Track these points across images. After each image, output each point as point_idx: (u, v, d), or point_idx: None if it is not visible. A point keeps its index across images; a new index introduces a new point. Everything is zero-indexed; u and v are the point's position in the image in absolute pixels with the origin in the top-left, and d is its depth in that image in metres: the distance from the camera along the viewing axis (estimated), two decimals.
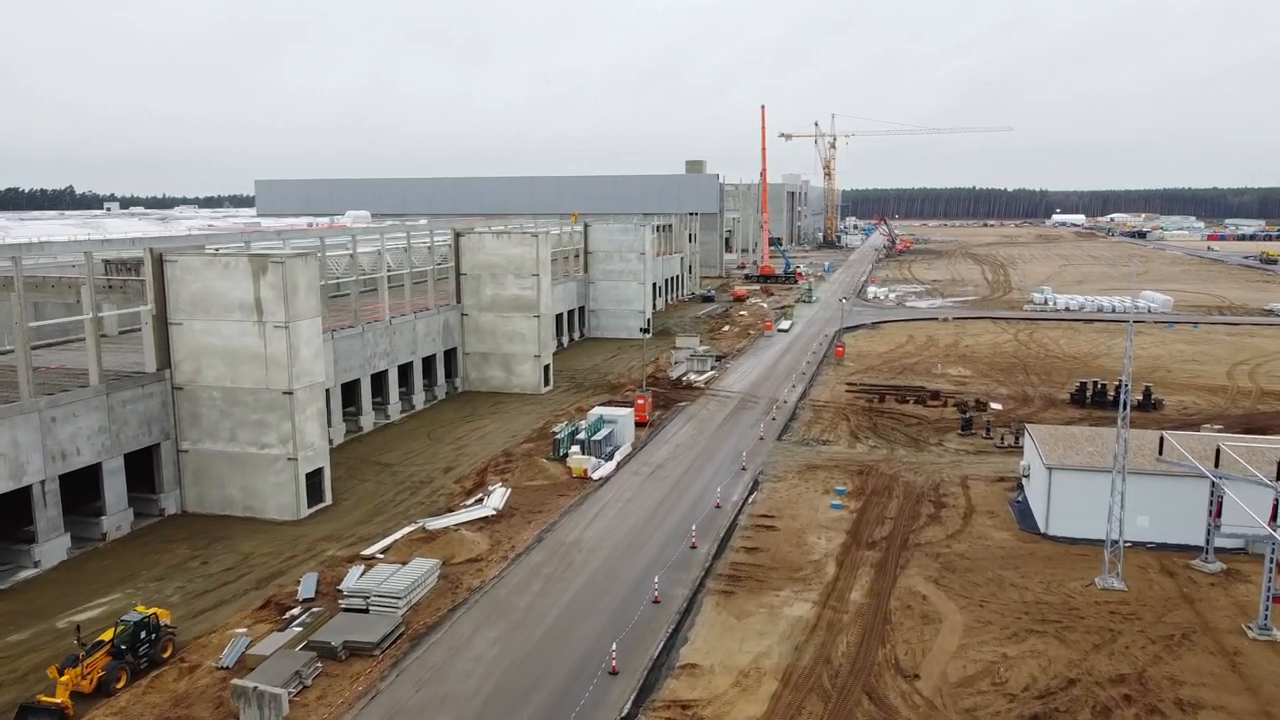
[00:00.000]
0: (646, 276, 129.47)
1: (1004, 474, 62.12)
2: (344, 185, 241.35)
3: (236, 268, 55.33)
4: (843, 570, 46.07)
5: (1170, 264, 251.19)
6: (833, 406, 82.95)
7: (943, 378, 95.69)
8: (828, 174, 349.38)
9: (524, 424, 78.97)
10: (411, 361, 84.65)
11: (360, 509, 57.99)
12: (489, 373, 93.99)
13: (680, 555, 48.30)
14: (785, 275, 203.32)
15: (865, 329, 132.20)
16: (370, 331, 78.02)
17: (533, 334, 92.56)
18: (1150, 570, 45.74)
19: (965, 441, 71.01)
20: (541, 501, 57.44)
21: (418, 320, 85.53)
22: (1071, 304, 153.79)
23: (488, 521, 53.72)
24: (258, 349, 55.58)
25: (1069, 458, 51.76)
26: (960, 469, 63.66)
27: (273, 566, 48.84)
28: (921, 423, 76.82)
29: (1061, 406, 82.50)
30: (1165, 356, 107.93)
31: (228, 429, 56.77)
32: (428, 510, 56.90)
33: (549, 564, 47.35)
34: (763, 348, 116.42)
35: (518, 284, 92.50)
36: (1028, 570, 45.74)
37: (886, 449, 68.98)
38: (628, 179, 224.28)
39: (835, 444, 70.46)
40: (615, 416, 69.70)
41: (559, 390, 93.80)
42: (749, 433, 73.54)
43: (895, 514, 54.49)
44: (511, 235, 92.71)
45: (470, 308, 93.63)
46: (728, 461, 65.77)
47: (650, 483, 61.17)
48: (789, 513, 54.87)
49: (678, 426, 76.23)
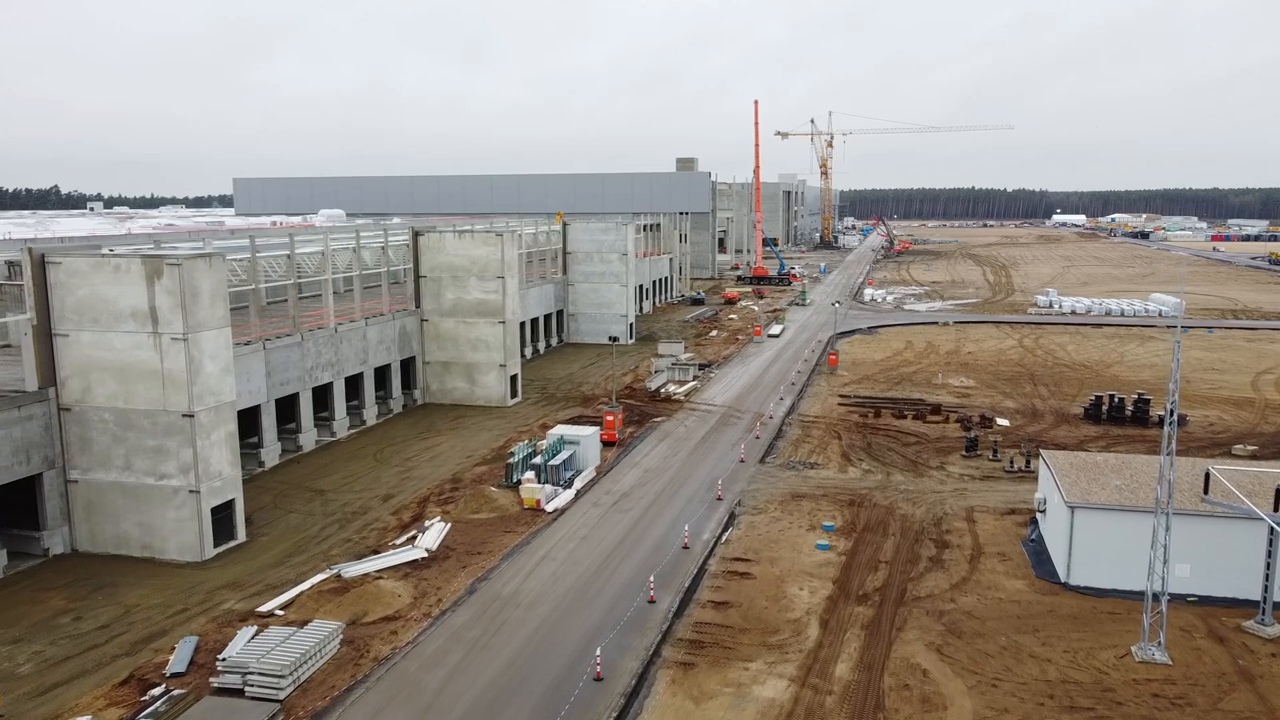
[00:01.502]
0: (629, 278, 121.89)
1: (1015, 505, 54.64)
2: (324, 183, 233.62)
3: (128, 271, 47.74)
4: (828, 633, 38.53)
5: (1176, 266, 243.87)
6: (823, 422, 75.43)
7: (943, 389, 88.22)
8: (824, 173, 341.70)
9: (483, 442, 71.45)
10: (362, 372, 77.14)
11: (278, 547, 50.43)
12: (451, 384, 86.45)
13: (635, 613, 40.73)
14: (779, 277, 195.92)
15: (861, 334, 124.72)
16: (311, 340, 70.48)
17: (498, 341, 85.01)
18: (1195, 634, 38.21)
19: (970, 464, 63.53)
20: (483, 540, 49.87)
21: (369, 327, 77.98)
22: (1078, 307, 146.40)
23: (416, 566, 46.15)
24: (153, 364, 48.01)
25: (1094, 493, 44.25)
26: (965, 498, 56.14)
27: (156, 623, 41.27)
28: (921, 442, 69.32)
29: (1074, 422, 75.00)
30: (1182, 365, 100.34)
31: (122, 456, 49.19)
32: (352, 550, 49.36)
33: (477, 625, 39.75)
34: (751, 355, 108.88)
35: (481, 287, 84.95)
36: (1049, 634, 38.20)
37: (882, 473, 61.47)
38: (616, 177, 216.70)
39: (824, 468, 62.92)
40: (577, 437, 62.15)
41: (528, 402, 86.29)
42: (729, 454, 65.98)
43: (891, 556, 46.97)
44: (474, 235, 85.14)
45: (430, 313, 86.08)
46: (702, 489, 58.21)
47: (611, 516, 53.60)
48: (768, 554, 47.33)
49: (650, 446, 68.64)
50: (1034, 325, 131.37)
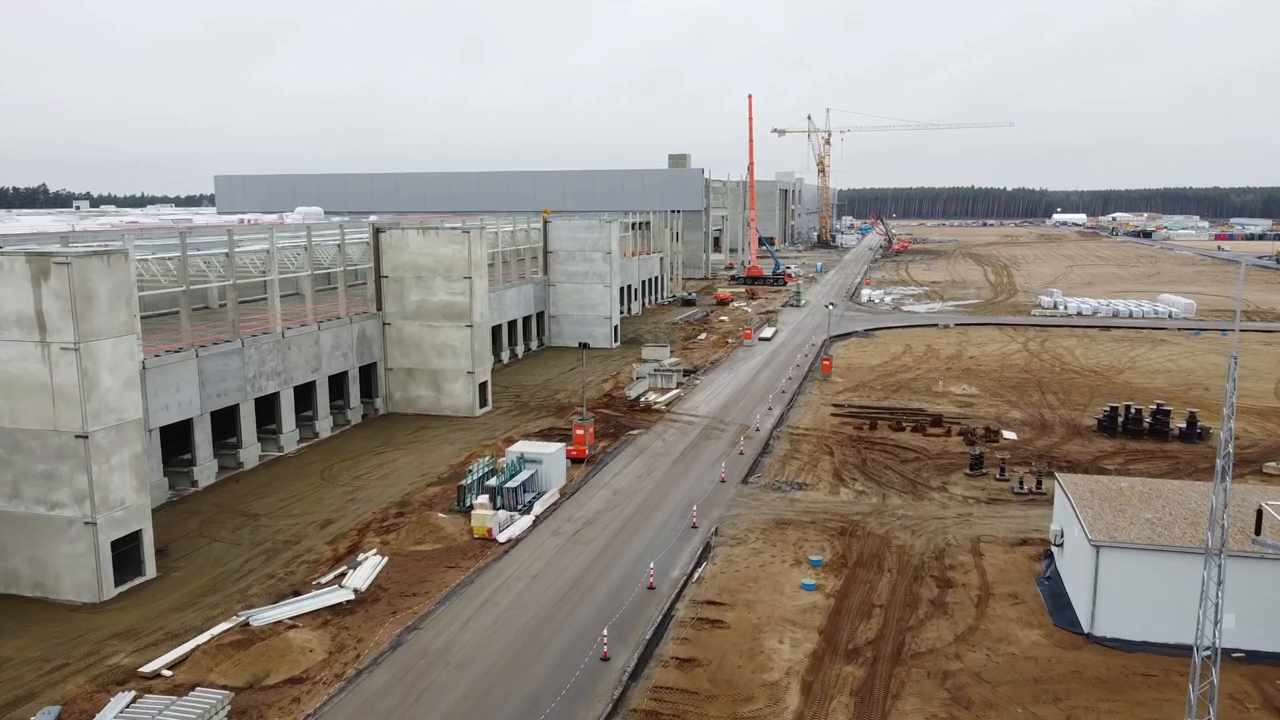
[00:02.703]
0: (613, 279, 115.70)
1: (1026, 534, 48.59)
2: (307, 180, 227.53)
3: (11, 271, 41.62)
4: (810, 701, 32.45)
5: (1182, 265, 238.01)
6: (814, 435, 69.35)
7: (945, 397, 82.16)
8: (822, 171, 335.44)
9: (443, 457, 65.40)
10: (314, 381, 71.04)
11: (191, 584, 44.36)
12: (415, 392, 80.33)
13: (585, 674, 34.64)
14: (774, 277, 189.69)
15: (857, 337, 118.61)
16: (254, 346, 64.41)
17: (465, 346, 78.89)
18: (1248, 704, 32.17)
19: (974, 484, 57.48)
20: (421, 578, 43.77)
21: (322, 331, 71.86)
22: (1084, 308, 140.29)
23: (339, 612, 40.07)
24: (41, 378, 41.89)
25: (1121, 528, 38.20)
26: (970, 525, 50.07)
27: (25, 684, 35.19)
28: (920, 458, 63.27)
29: (1088, 436, 68.93)
30: (1198, 370, 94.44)
31: (8, 483, 43.07)
32: (274, 589, 43.27)
33: (395, 690, 33.64)
34: (740, 359, 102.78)
35: (447, 288, 78.82)
36: (1073, 704, 32.13)
37: (877, 495, 55.40)
38: (607, 174, 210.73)
39: (814, 489, 56.83)
40: (540, 455, 56.03)
41: (498, 412, 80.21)
42: (708, 473, 59.87)
43: (887, 598, 40.92)
44: (440, 232, 79.00)
45: (393, 316, 79.94)
46: (676, 515, 52.09)
47: (571, 548, 47.48)
48: (745, 596, 41.26)
49: (623, 464, 62.53)
50: (1039, 328, 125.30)
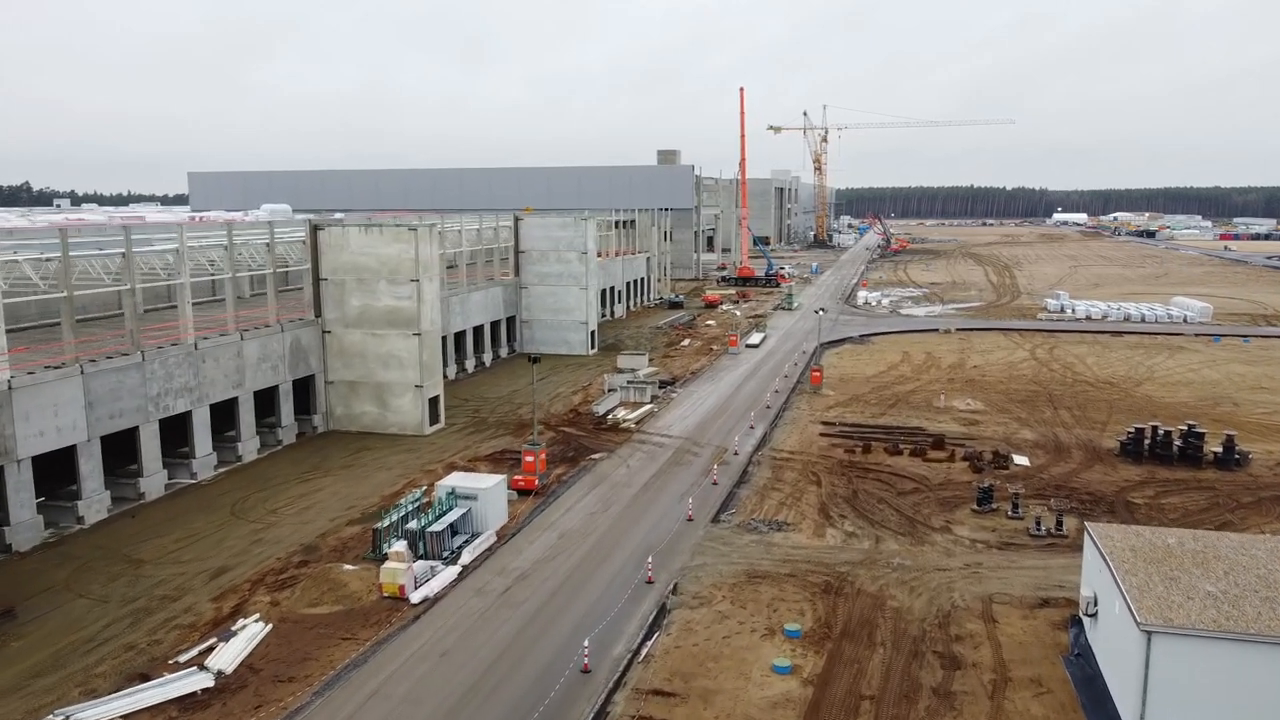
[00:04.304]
0: (589, 280, 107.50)
1: (1047, 591, 40.50)
2: (282, 177, 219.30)
3: None
4: None
5: (1189, 265, 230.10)
6: (800, 460, 61.22)
7: (947, 413, 74.06)
8: (818, 169, 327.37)
9: (375, 486, 57.32)
10: (236, 397, 62.91)
11: (27, 661, 36.21)
12: (359, 408, 72.18)
13: None
14: (766, 278, 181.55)
15: (851, 344, 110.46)
16: (159, 360, 56.28)
17: (412, 357, 70.75)
18: None
19: (983, 524, 49.36)
20: (307, 653, 35.59)
21: (247, 341, 63.74)
22: (1093, 312, 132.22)
23: (188, 706, 31.90)
24: None
25: (1176, 605, 30.04)
26: (980, 580, 41.95)
27: None
28: (920, 488, 55.15)
29: (1109, 462, 60.82)
30: (1223, 382, 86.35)
31: None
32: (124, 668, 35.12)
33: None
34: (724, 369, 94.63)
35: (392, 292, 70.69)
36: None
37: (870, 538, 47.26)
38: (593, 171, 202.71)
39: (796, 529, 48.67)
40: (474, 490, 47.82)
41: (451, 429, 72.10)
42: (674, 509, 51.66)
43: (879, 686, 32.79)
44: (384, 230, 70.83)
45: (333, 323, 71.80)
46: (630, 566, 43.90)
47: (496, 613, 39.29)
48: (702, 682, 33.12)
49: (578, 496, 54.36)
50: (1046, 333, 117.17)
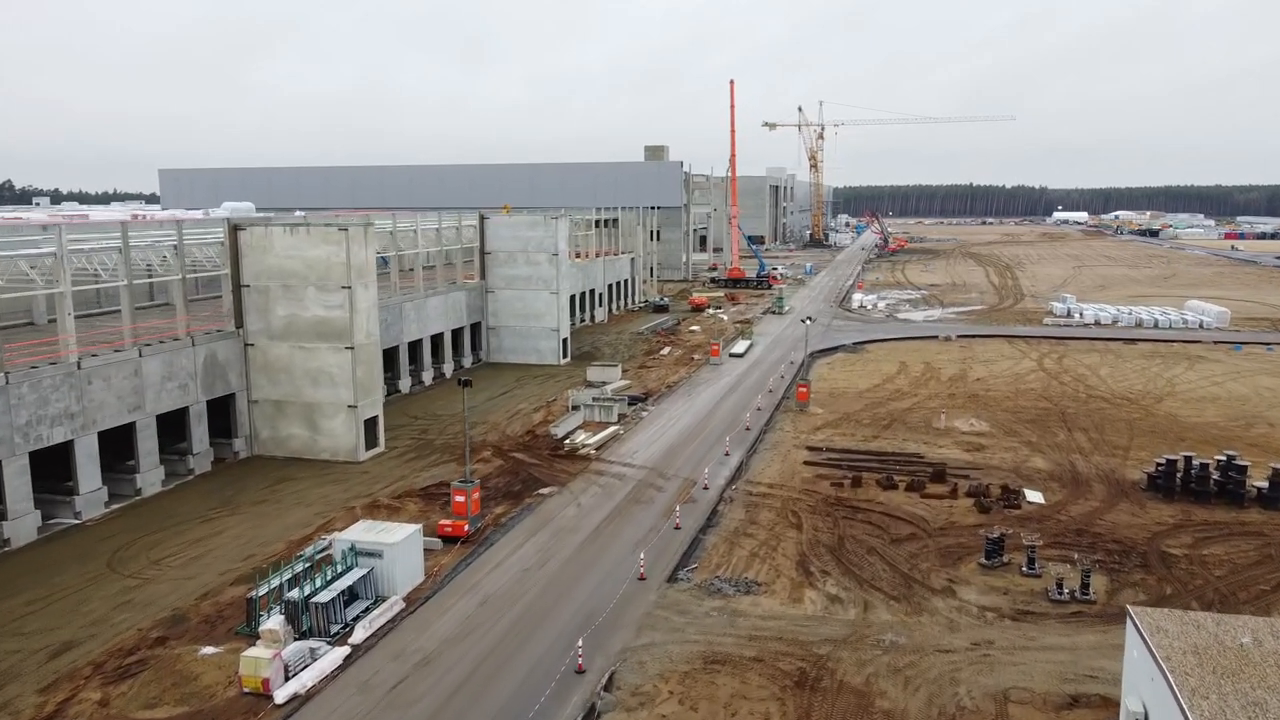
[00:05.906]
0: (560, 284, 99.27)
1: (1077, 684, 32.35)
2: (256, 174, 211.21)
3: None
4: None
5: (1197, 266, 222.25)
6: (779, 496, 53.05)
7: (948, 436, 65.99)
8: (814, 166, 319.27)
9: (285, 527, 49.20)
10: (133, 422, 54.72)
11: None
12: (286, 430, 64.03)
13: None
14: (758, 279, 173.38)
15: (844, 352, 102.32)
16: (27, 382, 48.08)
17: (344, 373, 62.61)
18: None
19: (993, 583, 41.22)
20: None
21: (147, 358, 55.56)
22: (1102, 316, 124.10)
23: None
24: None
25: None
26: (991, 668, 33.76)
27: None
28: (918, 534, 47.02)
29: (1136, 498, 52.67)
30: (1253, 398, 78.22)
31: None
32: None
33: None
34: (703, 382, 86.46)
35: (322, 300, 62.54)
36: None
37: (857, 604, 39.10)
38: (577, 167, 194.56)
39: (768, 590, 40.48)
40: (379, 546, 39.54)
41: (391, 454, 64.04)
42: (624, 564, 43.41)
43: None
44: (311, 230, 62.60)
45: (256, 335, 63.62)
46: (559, 647, 35.63)
47: (379, 716, 31.11)
48: None
49: (513, 545, 46.11)
50: (1053, 340, 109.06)
